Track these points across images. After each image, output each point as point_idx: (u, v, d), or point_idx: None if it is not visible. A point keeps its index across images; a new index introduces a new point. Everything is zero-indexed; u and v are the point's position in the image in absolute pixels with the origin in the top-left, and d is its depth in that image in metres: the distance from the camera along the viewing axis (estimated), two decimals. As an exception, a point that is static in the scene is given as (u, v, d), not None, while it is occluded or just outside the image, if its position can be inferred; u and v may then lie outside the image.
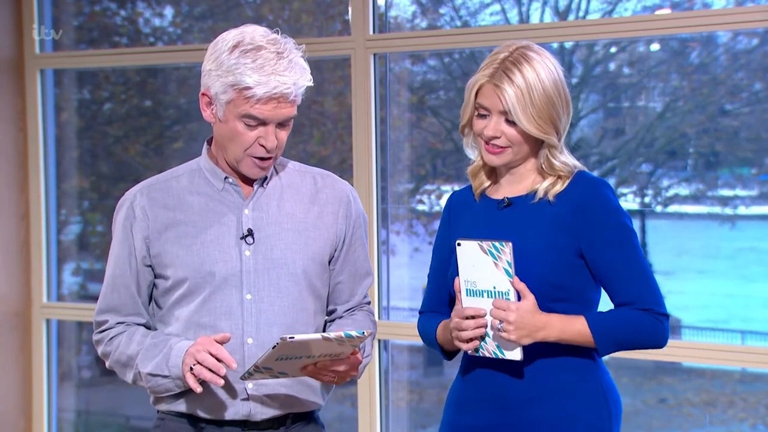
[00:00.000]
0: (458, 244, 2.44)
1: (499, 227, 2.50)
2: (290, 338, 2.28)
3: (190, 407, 2.55)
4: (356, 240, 2.66)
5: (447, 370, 4.81)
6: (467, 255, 2.42)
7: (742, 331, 4.32)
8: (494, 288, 2.41)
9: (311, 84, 2.50)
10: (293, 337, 2.29)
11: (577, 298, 2.50)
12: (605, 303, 2.55)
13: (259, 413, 2.55)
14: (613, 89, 4.48)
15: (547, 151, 2.52)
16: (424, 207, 4.78)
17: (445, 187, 4.71)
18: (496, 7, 4.47)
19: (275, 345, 2.30)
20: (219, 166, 2.58)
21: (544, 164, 2.53)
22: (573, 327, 2.44)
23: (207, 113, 2.53)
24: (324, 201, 2.63)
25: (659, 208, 4.32)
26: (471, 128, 2.56)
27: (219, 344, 2.42)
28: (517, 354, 2.42)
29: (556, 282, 2.47)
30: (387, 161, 4.49)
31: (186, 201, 2.58)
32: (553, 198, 2.50)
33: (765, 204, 4.19)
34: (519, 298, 2.41)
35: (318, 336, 2.34)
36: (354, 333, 2.35)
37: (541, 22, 4.33)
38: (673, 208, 4.29)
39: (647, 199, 4.32)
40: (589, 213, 2.48)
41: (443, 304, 2.63)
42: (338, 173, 2.73)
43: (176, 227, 2.56)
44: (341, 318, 2.66)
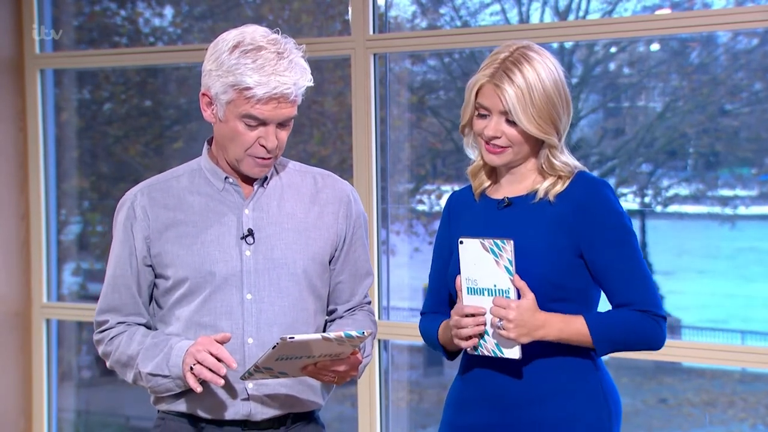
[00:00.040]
0: (460, 242, 2.44)
1: (499, 227, 2.50)
2: (290, 338, 2.28)
3: (191, 407, 2.55)
4: (357, 240, 2.66)
5: (447, 370, 4.81)
6: (469, 253, 2.43)
7: (742, 331, 4.32)
8: (495, 286, 2.41)
9: (311, 84, 2.50)
10: (293, 337, 2.29)
11: (577, 298, 2.50)
12: (605, 303, 2.55)
13: (260, 413, 2.55)
14: (613, 89, 4.48)
15: (548, 151, 2.52)
16: (424, 207, 4.78)
17: (445, 187, 4.71)
18: (496, 7, 4.47)
19: (275, 345, 2.30)
20: (219, 166, 2.58)
21: (545, 164, 2.53)
22: (572, 326, 2.44)
23: (207, 113, 2.53)
24: (324, 201, 2.63)
25: (659, 208, 4.32)
26: (471, 128, 2.56)
27: (219, 344, 2.42)
28: (516, 352, 2.42)
29: (557, 282, 2.47)
30: (387, 161, 4.49)
31: (186, 201, 2.58)
32: (554, 198, 2.50)
33: (765, 204, 4.19)
34: (519, 297, 2.41)
35: (318, 336, 2.34)
36: (354, 333, 2.35)
37: (541, 22, 4.33)
38: (673, 208, 4.29)
39: (647, 199, 4.32)
40: (590, 213, 2.48)
41: (444, 305, 2.63)
42: (338, 173, 2.73)
43: (177, 227, 2.56)
44: (342, 318, 2.66)
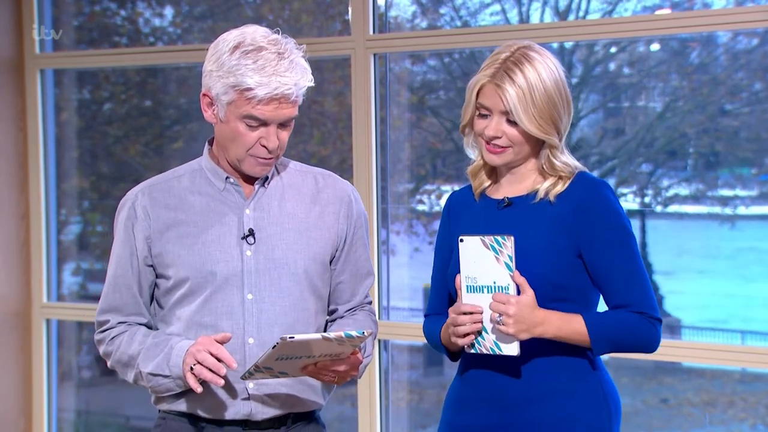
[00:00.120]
0: (461, 240, 2.44)
1: (499, 227, 2.50)
2: (290, 338, 2.28)
3: (191, 407, 2.55)
4: (357, 240, 2.66)
5: (447, 370, 4.81)
6: (469, 251, 2.43)
7: (742, 331, 4.32)
8: (494, 283, 2.41)
9: (312, 84, 2.50)
10: (293, 337, 2.29)
11: (577, 298, 2.50)
12: (604, 304, 2.56)
13: (260, 413, 2.55)
14: (613, 89, 4.48)
15: (548, 152, 2.52)
16: (424, 207, 4.77)
17: (445, 187, 4.71)
18: (496, 7, 4.47)
19: (275, 345, 2.30)
20: (220, 166, 2.58)
21: (545, 164, 2.53)
22: (570, 325, 2.44)
23: (208, 114, 2.53)
24: (325, 201, 2.63)
25: (659, 208, 4.32)
26: (472, 128, 2.56)
27: (219, 344, 2.42)
28: (515, 349, 2.42)
29: (557, 282, 2.47)
30: (387, 161, 4.49)
31: (187, 201, 2.58)
32: (554, 198, 2.50)
33: (765, 204, 4.19)
34: (519, 293, 2.41)
35: (318, 336, 2.34)
36: (354, 333, 2.35)
37: (541, 22, 4.33)
38: (673, 208, 4.29)
39: (647, 199, 4.32)
40: (590, 213, 2.48)
41: (447, 306, 2.63)
42: (338, 173, 2.73)
43: (177, 227, 2.56)
44: (342, 318, 2.66)
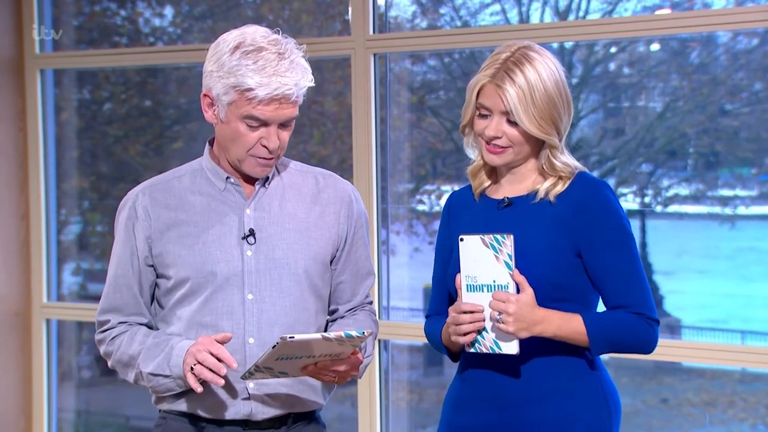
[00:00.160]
0: (461, 239, 2.44)
1: (499, 227, 2.50)
2: (290, 338, 2.28)
3: (192, 407, 2.55)
4: (358, 240, 2.66)
5: (447, 370, 4.81)
6: (469, 250, 2.43)
7: (742, 331, 4.32)
8: (494, 282, 2.41)
9: (313, 84, 2.50)
10: (293, 337, 2.29)
11: (577, 298, 2.50)
12: (602, 304, 2.56)
13: (261, 413, 2.55)
14: (613, 89, 4.48)
15: (548, 152, 2.52)
16: (424, 207, 4.77)
17: (445, 187, 4.71)
18: (496, 7, 4.47)
19: (275, 344, 2.30)
20: (221, 166, 2.58)
21: (545, 165, 2.53)
22: (569, 324, 2.44)
23: (209, 114, 2.53)
24: (326, 201, 2.63)
25: (659, 208, 4.32)
26: (472, 128, 2.57)
27: (220, 344, 2.42)
28: (514, 347, 2.41)
29: (557, 282, 2.47)
30: (387, 161, 4.49)
31: (188, 201, 2.58)
32: (554, 198, 2.50)
33: (765, 204, 4.19)
34: (518, 292, 2.41)
35: (318, 336, 2.34)
36: (354, 333, 2.35)
37: (541, 22, 4.33)
38: (673, 208, 4.29)
39: (647, 199, 4.32)
40: (589, 213, 2.48)
41: (448, 306, 2.63)
42: (338, 173, 2.73)
43: (178, 227, 2.56)
44: (343, 318, 2.66)
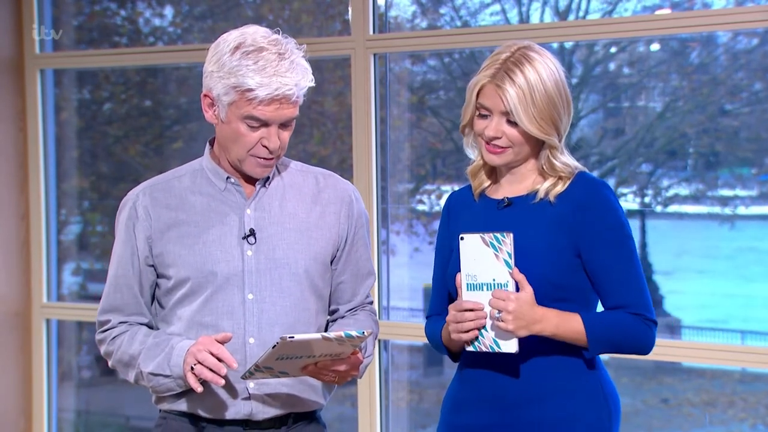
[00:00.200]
0: (461, 238, 2.44)
1: (499, 227, 2.50)
2: (290, 338, 2.28)
3: (192, 407, 2.55)
4: (358, 240, 2.66)
5: (447, 370, 4.81)
6: (469, 248, 2.43)
7: (742, 331, 4.32)
8: (494, 280, 2.41)
9: (313, 84, 2.50)
10: (293, 337, 2.29)
11: (577, 298, 2.50)
12: (601, 304, 2.56)
13: (261, 413, 2.55)
14: (613, 89, 4.48)
15: (548, 152, 2.52)
16: (424, 207, 4.77)
17: (445, 187, 4.71)
18: (496, 7, 4.47)
19: (275, 344, 2.30)
20: (221, 166, 2.59)
21: (545, 165, 2.53)
22: (568, 323, 2.44)
23: (209, 114, 2.53)
24: (326, 201, 2.63)
25: (659, 208, 4.32)
26: (472, 128, 2.57)
27: (220, 344, 2.42)
28: (513, 346, 2.41)
29: (557, 282, 2.47)
30: (387, 161, 4.49)
31: (188, 201, 2.58)
32: (554, 198, 2.50)
33: (765, 204, 4.19)
34: (518, 290, 2.41)
35: (318, 336, 2.34)
36: (354, 333, 2.35)
37: (541, 22, 4.33)
38: (673, 208, 4.29)
39: (647, 199, 4.32)
40: (589, 213, 2.48)
41: (448, 306, 2.63)
42: (338, 173, 2.73)
43: (178, 227, 2.56)
44: (343, 318, 2.66)
